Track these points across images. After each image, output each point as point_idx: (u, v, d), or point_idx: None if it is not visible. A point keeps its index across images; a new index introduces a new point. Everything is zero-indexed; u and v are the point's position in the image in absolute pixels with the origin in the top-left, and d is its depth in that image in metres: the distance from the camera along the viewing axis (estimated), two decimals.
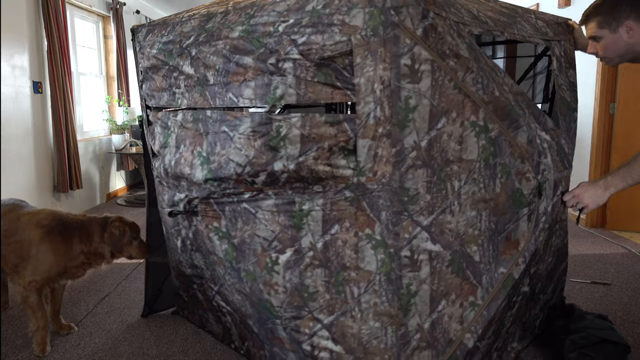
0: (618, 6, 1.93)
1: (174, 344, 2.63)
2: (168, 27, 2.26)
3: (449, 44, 1.69)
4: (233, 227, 2.06)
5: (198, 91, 2.08)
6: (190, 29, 2.12)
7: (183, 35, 2.14)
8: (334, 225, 1.84)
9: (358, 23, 1.62)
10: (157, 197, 2.58)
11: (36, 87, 4.82)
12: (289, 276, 1.94)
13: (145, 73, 2.37)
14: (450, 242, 1.84)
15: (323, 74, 1.72)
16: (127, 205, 6.05)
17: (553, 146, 2.06)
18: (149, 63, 2.33)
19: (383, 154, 1.71)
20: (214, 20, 2.04)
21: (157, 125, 2.40)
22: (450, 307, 1.88)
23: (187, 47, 2.09)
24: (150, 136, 2.49)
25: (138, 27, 2.46)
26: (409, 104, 1.67)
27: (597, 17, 1.98)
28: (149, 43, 2.35)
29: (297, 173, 1.82)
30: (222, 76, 1.94)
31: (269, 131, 1.84)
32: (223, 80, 1.94)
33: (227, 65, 1.91)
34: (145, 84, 2.43)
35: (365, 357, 1.87)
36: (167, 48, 2.21)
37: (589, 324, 2.32)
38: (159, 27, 2.33)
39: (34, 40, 4.80)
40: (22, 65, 4.60)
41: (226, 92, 1.94)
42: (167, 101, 2.29)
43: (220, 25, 1.98)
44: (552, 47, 2.25)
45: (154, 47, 2.30)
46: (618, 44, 1.96)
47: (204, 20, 2.09)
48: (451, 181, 1.80)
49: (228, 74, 1.91)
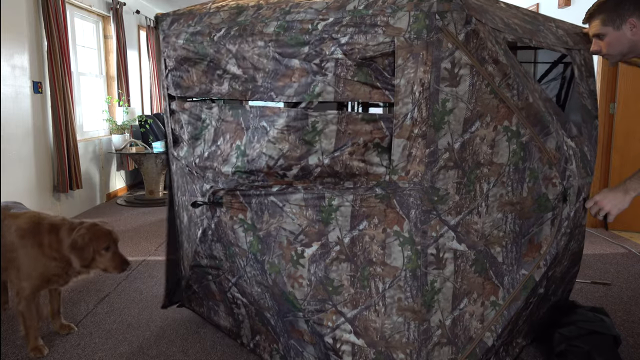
0: (622, 4, 1.98)
1: (174, 344, 2.64)
2: (195, 18, 2.26)
3: (489, 50, 1.72)
4: (259, 220, 2.09)
5: (240, 89, 2.09)
6: (220, 21, 2.13)
7: (212, 27, 2.14)
8: (362, 221, 1.88)
9: (402, 25, 1.65)
10: (183, 186, 2.57)
11: (36, 87, 4.79)
12: (314, 269, 1.97)
13: (177, 64, 2.37)
14: (475, 242, 1.88)
15: (363, 74, 1.74)
16: (127, 205, 6.03)
17: (577, 153, 2.11)
18: (177, 54, 2.33)
19: (417, 154, 1.74)
20: (245, 14, 2.05)
21: (184, 115, 2.40)
22: (471, 306, 1.93)
23: (221, 40, 2.09)
24: (175, 124, 2.49)
25: (162, 15, 2.46)
26: (446, 107, 1.71)
27: (601, 15, 2.02)
28: (174, 32, 2.35)
29: (331, 168, 1.85)
30: (271, 78, 1.96)
31: (304, 126, 1.86)
32: (271, 82, 1.96)
33: (278, 67, 1.93)
34: (172, 74, 2.42)
35: (387, 350, 1.92)
36: (195, 39, 2.22)
37: (579, 317, 2.37)
38: (185, 16, 2.33)
39: (34, 40, 4.76)
40: (22, 65, 4.56)
41: (269, 91, 1.96)
42: (199, 94, 2.29)
43: (254, 19, 1.99)
44: (572, 55, 2.29)
45: (180, 37, 2.30)
46: (621, 41, 2.01)
47: (234, 13, 2.09)
48: (480, 183, 1.84)
49: (277, 76, 1.94)
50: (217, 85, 2.19)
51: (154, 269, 3.77)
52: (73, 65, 5.65)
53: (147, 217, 5.42)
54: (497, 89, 1.75)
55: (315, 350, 2.08)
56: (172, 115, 2.52)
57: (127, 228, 4.98)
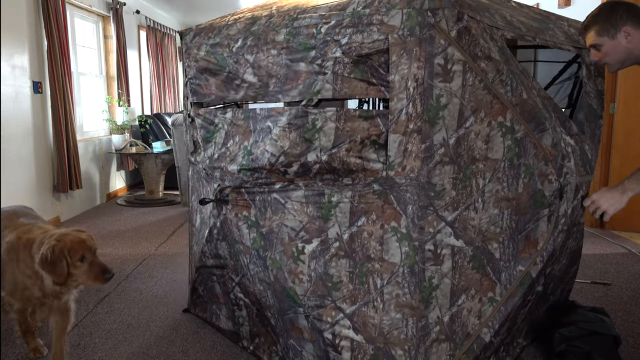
0: (614, 13, 2.01)
1: (174, 344, 2.64)
2: (214, 30, 2.35)
3: (481, 46, 1.74)
4: (262, 217, 2.12)
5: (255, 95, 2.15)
6: (236, 32, 2.20)
7: (230, 38, 2.22)
8: (360, 218, 1.90)
9: (396, 23, 1.68)
10: (200, 189, 2.61)
11: (36, 87, 4.82)
12: (314, 265, 1.99)
13: (197, 73, 2.44)
14: (472, 238, 1.90)
15: (359, 71, 1.78)
16: (127, 205, 6.06)
17: (577, 151, 2.12)
18: (198, 64, 2.41)
19: (413, 150, 1.77)
20: (258, 23, 2.12)
21: (198, 120, 2.48)
22: (469, 302, 1.94)
23: (239, 51, 2.16)
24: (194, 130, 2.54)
25: (186, 31, 2.56)
26: (440, 102, 1.73)
27: (596, 26, 2.05)
28: (195, 45, 2.44)
29: (329, 164, 1.88)
30: (282, 82, 2.02)
31: (304, 123, 1.90)
32: (282, 86, 2.02)
33: (288, 72, 1.99)
34: (191, 82, 2.50)
35: (386, 347, 1.93)
36: (215, 51, 2.30)
37: (579, 318, 2.38)
38: (206, 30, 2.42)
39: (34, 40, 4.79)
40: (22, 65, 4.60)
41: (278, 93, 2.02)
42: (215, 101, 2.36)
43: (266, 28, 2.06)
44: (582, 55, 2.32)
45: (201, 49, 2.39)
46: (618, 50, 2.04)
47: (249, 23, 2.17)
48: (476, 179, 1.86)
49: (287, 80, 2.00)
50: (234, 94, 2.26)
51: (154, 269, 3.78)
52: (73, 65, 5.69)
53: (147, 217, 5.44)
54: (490, 84, 1.78)
55: (314, 348, 2.09)
56: (192, 122, 2.56)
57: (127, 228, 5.00)
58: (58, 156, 5.03)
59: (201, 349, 2.59)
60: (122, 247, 4.34)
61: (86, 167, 5.79)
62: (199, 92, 2.47)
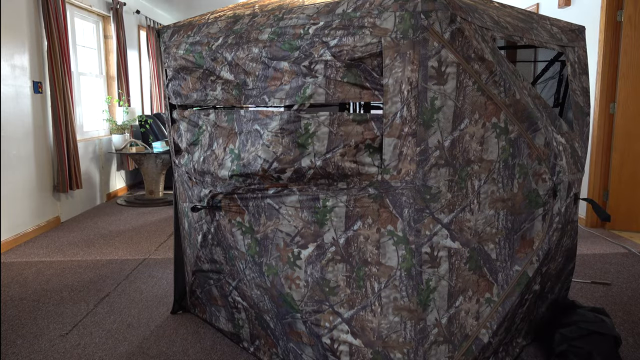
0: None
1: (174, 344, 2.65)
2: (194, 28, 2.31)
3: (474, 48, 1.74)
4: (256, 222, 2.11)
5: (235, 94, 2.12)
6: (217, 30, 2.17)
7: (210, 37, 2.19)
8: (356, 222, 1.89)
9: (389, 26, 1.67)
10: (184, 193, 2.60)
11: (36, 87, 4.82)
12: (311, 271, 1.99)
13: (175, 73, 2.41)
14: (468, 239, 1.89)
15: (352, 75, 1.77)
16: (127, 205, 6.06)
17: (568, 149, 2.12)
18: (176, 63, 2.37)
19: (408, 153, 1.76)
20: (241, 22, 2.08)
21: (183, 122, 2.44)
22: (467, 303, 1.94)
23: (219, 49, 2.13)
24: (175, 133, 2.53)
25: (164, 28, 2.53)
26: (435, 105, 1.72)
27: None
28: (174, 43, 2.40)
29: (323, 169, 1.87)
30: (261, 81, 1.99)
31: (297, 129, 1.88)
32: (262, 85, 2.00)
33: (266, 71, 1.97)
34: (172, 83, 2.47)
35: (385, 350, 1.93)
36: (194, 49, 2.26)
37: (579, 318, 2.37)
38: (185, 27, 2.38)
39: (34, 40, 4.80)
40: (22, 65, 4.60)
41: (262, 94, 1.99)
42: (197, 101, 2.33)
43: (249, 27, 2.03)
44: (566, 53, 2.31)
45: (180, 48, 2.35)
46: None
47: (230, 22, 2.13)
48: (472, 180, 1.85)
49: (267, 79, 1.97)
50: (211, 91, 2.22)
51: (154, 269, 3.79)
52: (73, 65, 5.70)
53: (147, 217, 5.45)
54: (483, 86, 1.77)
55: (313, 352, 2.09)
56: (173, 124, 2.55)
57: (127, 228, 5.00)
58: (58, 156, 5.04)
59: (201, 349, 2.59)
60: (122, 247, 4.35)
61: (86, 167, 5.80)
62: (181, 93, 2.44)
